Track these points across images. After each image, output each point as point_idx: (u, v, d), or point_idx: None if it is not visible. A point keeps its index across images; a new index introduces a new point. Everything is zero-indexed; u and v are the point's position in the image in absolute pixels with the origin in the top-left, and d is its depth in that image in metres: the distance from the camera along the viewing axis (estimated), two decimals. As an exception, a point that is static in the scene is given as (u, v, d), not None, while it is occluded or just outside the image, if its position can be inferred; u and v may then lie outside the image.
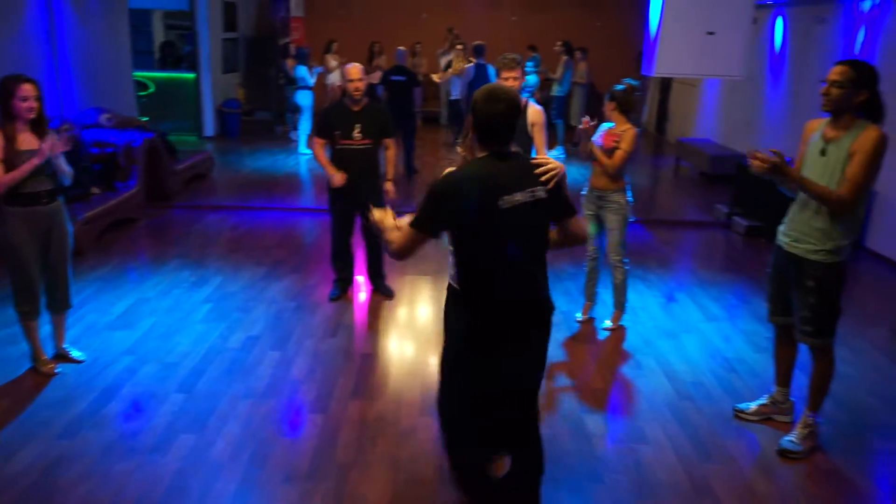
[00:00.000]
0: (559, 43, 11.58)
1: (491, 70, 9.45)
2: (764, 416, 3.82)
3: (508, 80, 4.33)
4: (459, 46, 12.06)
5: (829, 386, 3.52)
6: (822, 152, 3.26)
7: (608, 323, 4.94)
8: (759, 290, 5.77)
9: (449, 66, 11.22)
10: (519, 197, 2.47)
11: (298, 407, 3.87)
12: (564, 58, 11.33)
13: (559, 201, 2.61)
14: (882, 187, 6.62)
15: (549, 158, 2.69)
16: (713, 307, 5.43)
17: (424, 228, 2.48)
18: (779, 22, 9.19)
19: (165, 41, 13.58)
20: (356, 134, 4.93)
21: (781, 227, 3.51)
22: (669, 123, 13.50)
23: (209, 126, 12.16)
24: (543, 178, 2.54)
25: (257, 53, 13.68)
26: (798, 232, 3.36)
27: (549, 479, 3.27)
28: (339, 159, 5.04)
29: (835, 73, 3.17)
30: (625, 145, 4.55)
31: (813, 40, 8.25)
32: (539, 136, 4.53)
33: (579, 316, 5.07)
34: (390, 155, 5.31)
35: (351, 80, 4.90)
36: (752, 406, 3.86)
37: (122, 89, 9.27)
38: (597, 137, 4.66)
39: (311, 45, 12.76)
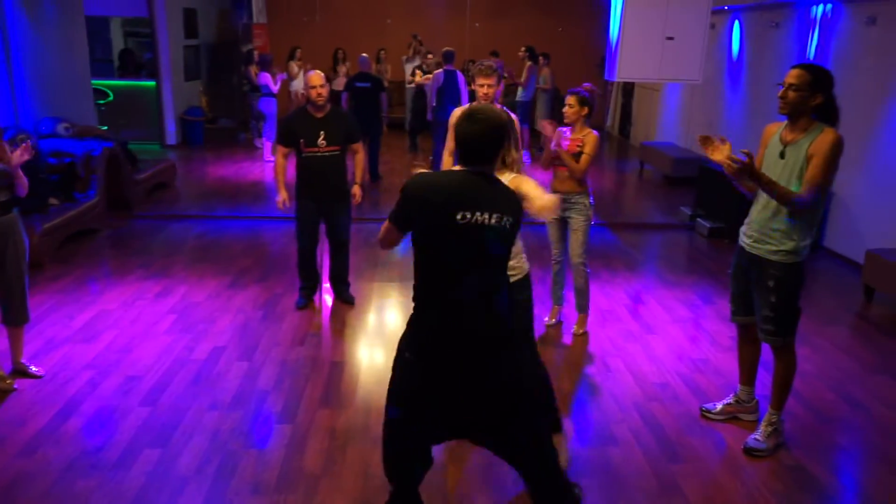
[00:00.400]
0: (523, 49, 11.67)
1: (460, 76, 9.50)
2: (729, 416, 3.88)
3: (483, 87, 4.32)
4: (430, 56, 12.09)
5: (792, 384, 3.59)
6: (781, 155, 3.33)
7: (576, 329, 4.96)
8: (723, 291, 5.87)
9: (415, 73, 11.23)
10: (480, 218, 2.38)
11: (266, 417, 3.82)
12: (528, 63, 11.42)
13: (515, 234, 2.53)
14: (839, 189, 6.80)
15: (546, 197, 2.73)
16: (678, 308, 5.51)
17: (394, 221, 2.51)
18: (735, 27, 9.40)
19: (124, 49, 13.36)
20: (321, 141, 4.89)
21: (743, 228, 3.57)
22: (633, 127, 13.70)
23: (171, 134, 11.99)
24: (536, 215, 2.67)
25: (220, 60, 13.54)
26: (759, 233, 3.42)
27: (519, 483, 3.28)
28: (304, 167, 5.00)
29: (791, 76, 3.24)
30: (589, 149, 4.61)
31: (768, 45, 8.45)
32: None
33: (547, 320, 5.10)
34: (359, 159, 5.29)
35: (313, 87, 4.86)
36: (718, 406, 3.92)
37: (79, 98, 9.07)
38: (555, 142, 4.67)
39: (275, 52, 12.66)
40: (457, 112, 4.76)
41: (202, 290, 5.60)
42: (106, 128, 9.33)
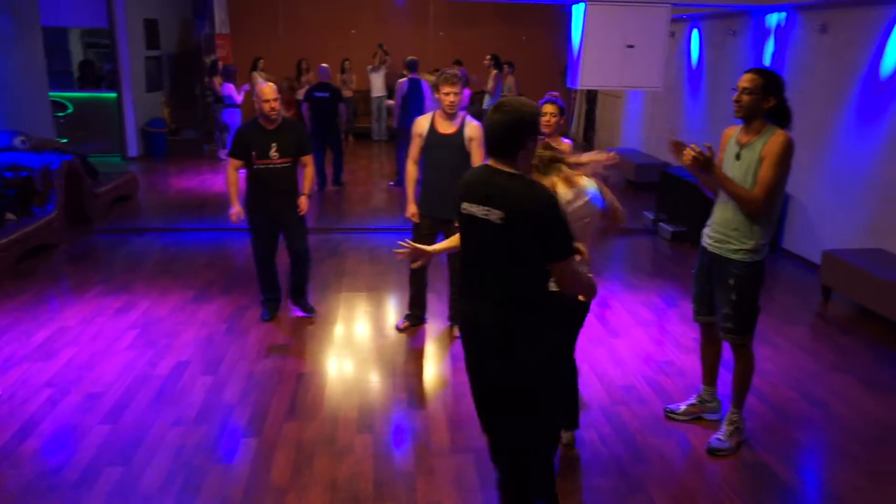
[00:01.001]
0: (488, 57, 11.75)
1: (425, 85, 9.54)
2: (693, 416, 3.95)
3: (449, 95, 4.35)
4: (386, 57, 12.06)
5: (751, 382, 3.67)
6: (737, 157, 3.44)
7: None
8: (686, 294, 5.97)
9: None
10: (473, 209, 2.47)
11: (232, 431, 3.77)
12: (494, 72, 11.49)
13: (524, 237, 2.39)
14: (796, 191, 6.96)
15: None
16: (643, 311, 5.58)
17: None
18: (695, 35, 9.58)
19: (84, 60, 13.12)
20: (273, 153, 4.85)
21: (705, 230, 3.66)
22: (596, 134, 13.87)
23: (133, 146, 11.81)
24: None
25: (182, 71, 13.39)
26: (720, 233, 3.52)
27: (486, 486, 3.29)
28: (256, 179, 4.95)
29: (745, 80, 3.36)
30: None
31: (726, 52, 8.63)
32: (477, 152, 4.56)
33: None
34: (308, 172, 5.12)
35: (266, 100, 4.80)
36: (682, 406, 3.98)
37: (37, 110, 8.89)
38: None
39: (238, 63, 12.57)
40: (419, 120, 4.80)
41: (165, 304, 5.51)
42: (65, 140, 9.16)
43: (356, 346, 4.91)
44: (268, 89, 4.83)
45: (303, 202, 5.08)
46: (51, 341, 4.79)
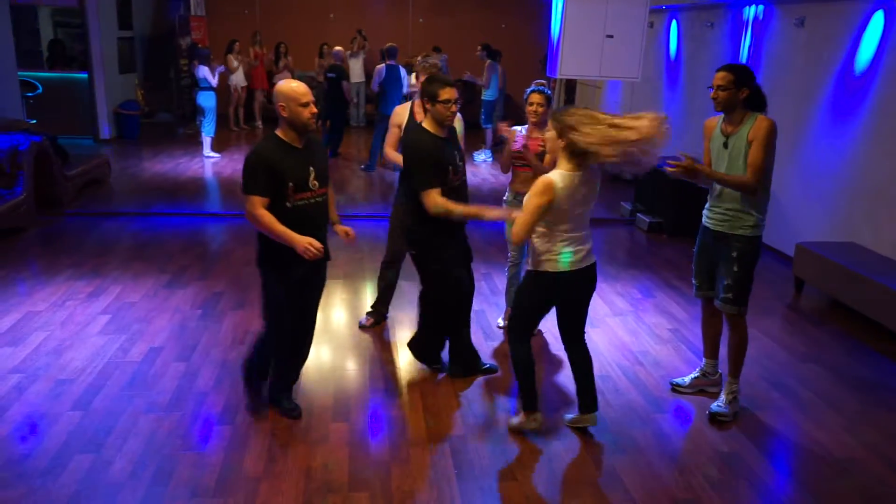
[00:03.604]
0: (479, 47, 11.60)
1: (402, 71, 9.47)
2: (698, 389, 4.18)
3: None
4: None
5: (746, 351, 3.91)
6: (725, 145, 3.74)
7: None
8: (662, 284, 6.01)
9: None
10: None
11: (205, 419, 3.72)
12: (488, 62, 11.37)
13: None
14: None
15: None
16: (619, 302, 5.61)
17: None
18: (673, 26, 9.62)
19: (54, 39, 12.84)
20: (312, 182, 3.43)
21: (705, 211, 3.94)
22: (575, 124, 13.88)
23: (105, 128, 11.59)
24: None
25: (156, 53, 13.15)
26: (722, 213, 3.80)
27: (462, 478, 3.29)
28: (294, 221, 3.38)
29: (718, 78, 3.68)
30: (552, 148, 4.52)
31: (704, 44, 8.67)
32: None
33: (501, 322, 5.06)
34: (331, 195, 3.79)
35: (305, 104, 3.34)
36: (687, 380, 4.21)
37: (5, 90, 8.68)
38: (518, 143, 4.52)
39: (213, 46, 12.37)
40: (398, 109, 4.73)
41: (138, 289, 5.42)
42: (34, 121, 8.94)
43: (332, 333, 4.87)
44: (302, 88, 3.38)
45: (348, 231, 3.77)
46: (19, 326, 4.69)
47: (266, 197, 3.33)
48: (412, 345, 4.40)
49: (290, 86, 3.38)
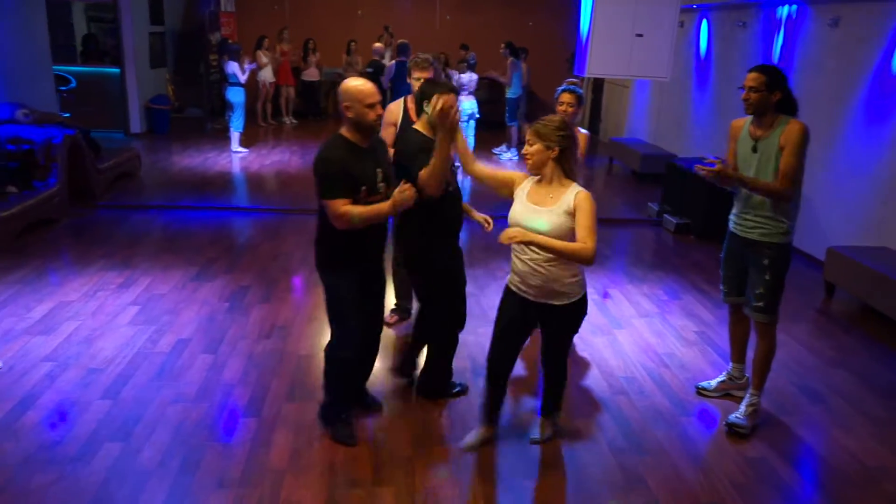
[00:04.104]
0: (503, 45, 11.61)
1: None
2: (724, 392, 4.13)
3: (420, 81, 4.19)
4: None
5: (771, 364, 3.81)
6: (754, 149, 3.63)
7: None
8: (689, 287, 5.96)
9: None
10: None
11: (231, 411, 3.77)
12: (510, 59, 11.37)
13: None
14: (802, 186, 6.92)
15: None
16: (645, 303, 5.57)
17: None
18: (703, 25, 9.51)
19: (88, 34, 13.03)
20: (380, 183, 3.31)
21: (732, 217, 3.85)
22: (602, 123, 13.79)
23: (136, 123, 11.74)
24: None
25: (186, 49, 13.30)
26: (751, 219, 3.70)
27: (486, 477, 3.30)
28: (363, 229, 3.28)
29: (750, 79, 3.57)
30: (581, 150, 4.49)
31: (735, 44, 8.56)
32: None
33: None
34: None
35: (372, 105, 3.20)
36: (713, 383, 4.16)
37: (40, 84, 8.83)
38: None
39: (242, 41, 12.48)
40: (392, 107, 4.61)
41: (167, 281, 5.50)
42: (68, 115, 9.09)
43: (357, 329, 4.89)
44: (369, 87, 3.23)
45: (487, 219, 3.90)
46: (51, 315, 4.78)
47: (348, 198, 3.16)
48: (423, 387, 4.00)
49: (356, 86, 3.20)
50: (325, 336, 4.73)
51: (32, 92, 8.41)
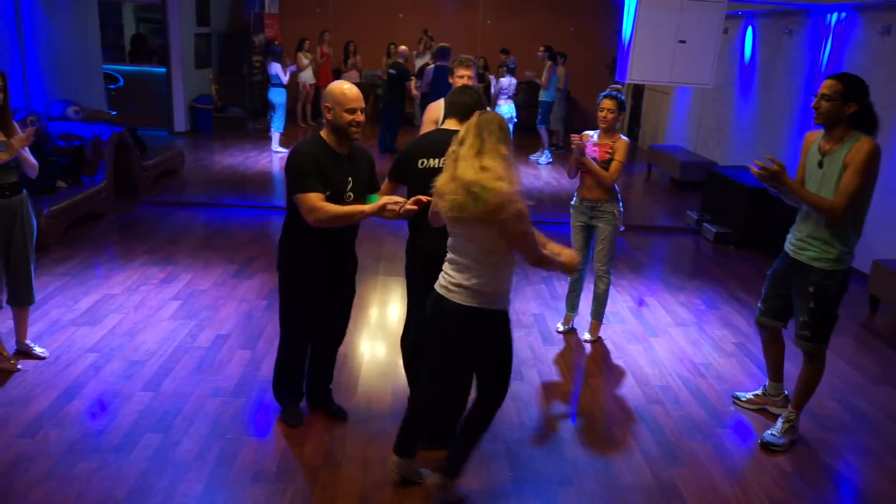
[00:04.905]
0: (542, 48, 11.60)
1: None
2: (758, 406, 4.02)
3: (463, 78, 4.22)
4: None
5: (816, 387, 3.66)
6: (820, 164, 3.40)
7: (588, 336, 4.88)
8: (728, 297, 5.87)
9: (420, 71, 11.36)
10: (433, 162, 3.20)
11: (267, 407, 3.82)
12: (548, 63, 11.37)
13: None
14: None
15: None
16: (682, 312, 5.50)
17: None
18: (749, 32, 9.36)
19: (136, 34, 13.36)
20: (348, 192, 3.28)
21: (788, 235, 3.62)
22: (641, 129, 13.67)
23: (180, 121, 11.99)
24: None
25: (230, 49, 13.54)
26: (802, 240, 3.48)
27: (518, 481, 3.29)
28: (319, 230, 3.25)
29: (825, 86, 3.31)
30: (620, 156, 4.46)
31: (781, 52, 8.41)
32: None
33: (560, 327, 5.01)
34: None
35: (352, 109, 3.18)
36: (749, 395, 4.06)
37: (90, 82, 9.09)
38: (588, 149, 4.49)
39: (285, 43, 12.66)
40: (433, 106, 4.62)
41: (207, 277, 5.60)
42: (115, 112, 9.33)
43: (390, 329, 4.93)
44: (353, 92, 3.19)
45: (397, 200, 3.15)
46: (96, 308, 4.91)
47: (321, 193, 3.13)
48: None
49: (341, 89, 3.19)
50: (360, 333, 4.81)
51: (83, 90, 8.66)
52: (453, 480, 3.07)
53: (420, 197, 3.00)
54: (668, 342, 4.94)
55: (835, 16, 7.26)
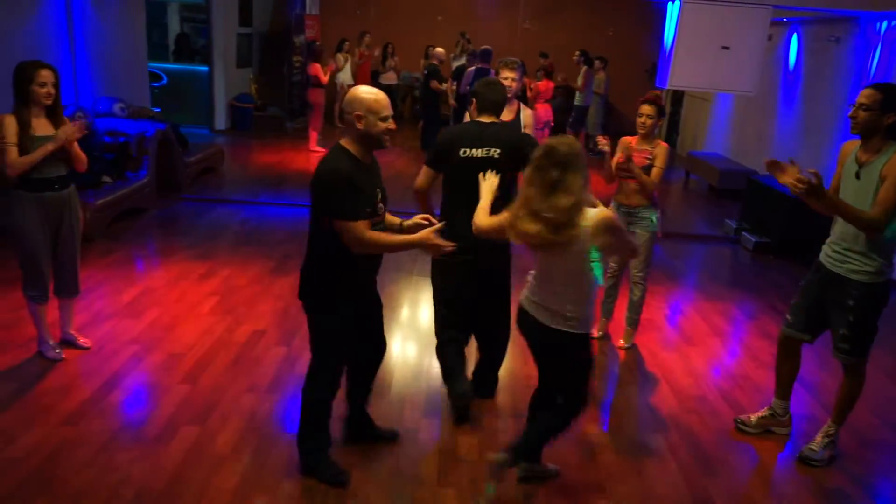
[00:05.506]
0: (577, 53, 11.56)
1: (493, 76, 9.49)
2: (764, 429, 3.86)
3: (507, 80, 4.22)
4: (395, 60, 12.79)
5: (856, 401, 3.57)
6: (857, 175, 3.31)
7: (623, 342, 4.85)
8: (766, 307, 5.77)
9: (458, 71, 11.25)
10: (474, 152, 3.53)
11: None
12: (584, 68, 11.32)
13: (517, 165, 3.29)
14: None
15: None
16: (719, 322, 5.43)
17: None
18: (794, 40, 9.20)
19: (180, 33, 13.62)
20: (379, 204, 3.04)
21: (824, 246, 3.54)
22: (680, 136, 13.51)
23: (221, 119, 12.20)
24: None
25: (271, 49, 13.72)
26: (840, 252, 3.40)
27: (549, 486, 3.28)
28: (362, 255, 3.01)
29: (863, 95, 3.24)
30: (660, 162, 4.42)
31: (827, 59, 8.25)
32: None
33: (595, 333, 4.95)
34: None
35: (385, 116, 2.92)
36: (753, 418, 3.89)
37: (136, 80, 9.30)
38: (626, 155, 4.43)
39: (325, 44, 12.79)
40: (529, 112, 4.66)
41: (245, 273, 5.69)
42: (159, 110, 9.53)
43: (422, 329, 4.94)
44: (385, 99, 2.95)
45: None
46: (138, 300, 5.02)
47: (368, 218, 2.87)
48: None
49: (373, 96, 2.90)
50: (397, 333, 4.83)
51: (129, 87, 8.86)
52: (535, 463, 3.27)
53: (449, 247, 2.91)
54: (705, 351, 4.88)
55: (885, 24, 7.09)
